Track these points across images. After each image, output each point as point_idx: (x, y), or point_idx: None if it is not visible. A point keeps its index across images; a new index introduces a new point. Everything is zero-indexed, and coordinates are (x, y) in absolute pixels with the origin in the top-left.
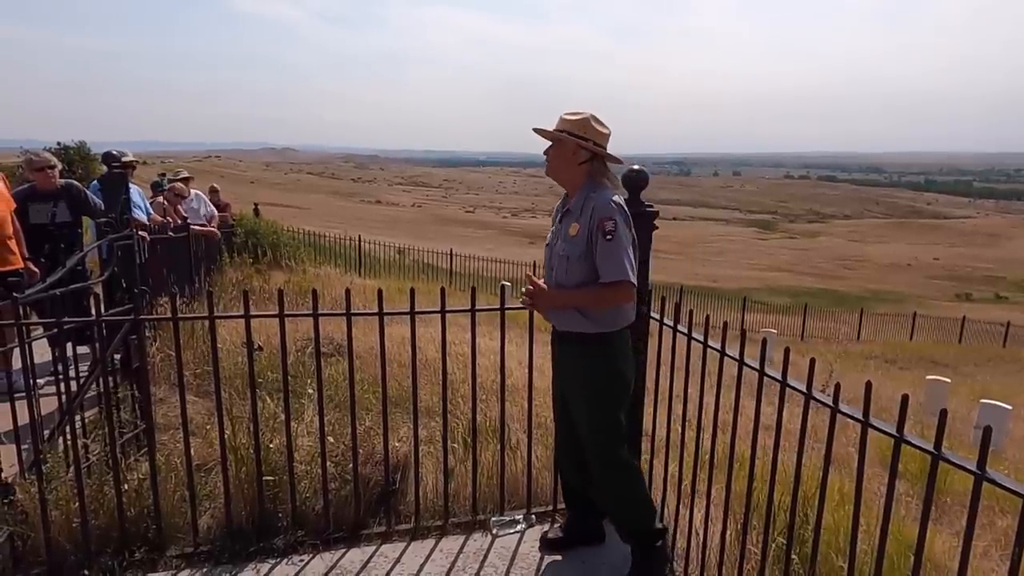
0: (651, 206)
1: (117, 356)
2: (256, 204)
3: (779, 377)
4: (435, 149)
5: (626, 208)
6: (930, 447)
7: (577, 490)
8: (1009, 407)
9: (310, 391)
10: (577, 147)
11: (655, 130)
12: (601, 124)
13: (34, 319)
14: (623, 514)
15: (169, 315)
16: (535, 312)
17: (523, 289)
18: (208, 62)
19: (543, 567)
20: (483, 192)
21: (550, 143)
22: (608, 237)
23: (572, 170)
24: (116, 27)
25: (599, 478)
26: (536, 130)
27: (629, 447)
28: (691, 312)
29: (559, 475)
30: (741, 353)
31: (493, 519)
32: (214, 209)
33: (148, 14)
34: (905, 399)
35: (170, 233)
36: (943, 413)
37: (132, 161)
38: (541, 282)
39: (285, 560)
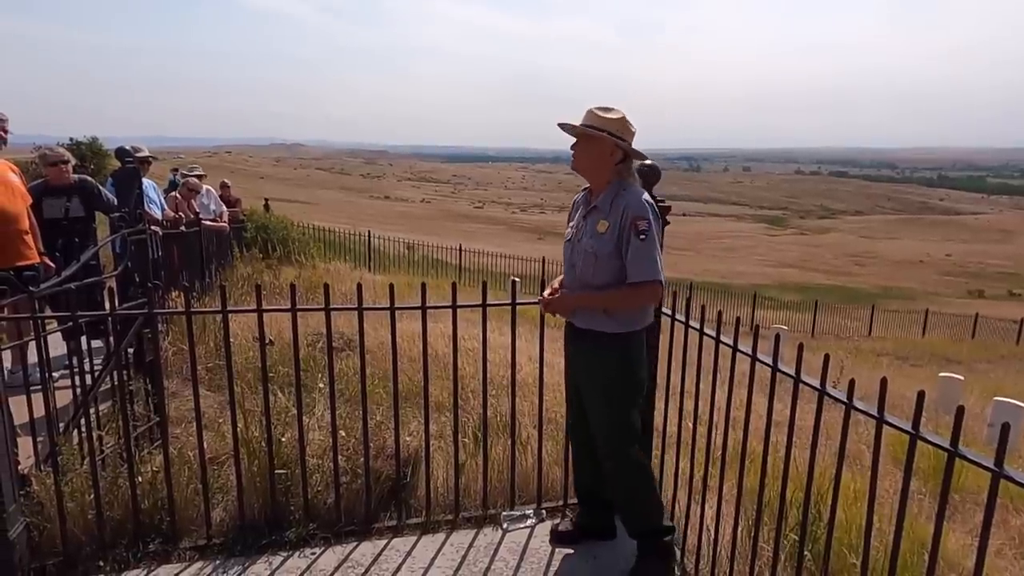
0: (663, 201)
1: (131, 350)
2: (266, 199)
3: (792, 373)
4: (442, 144)
5: (656, 207)
6: (946, 444)
7: (591, 487)
8: (1023, 404)
9: (321, 385)
10: (615, 147)
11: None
12: (631, 123)
13: (49, 313)
14: (632, 511)
15: (182, 309)
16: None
17: (542, 295)
18: (217, 58)
19: (553, 561)
20: (491, 188)
21: (577, 137)
22: (642, 236)
23: (605, 168)
24: (127, 23)
25: (611, 475)
26: (565, 126)
27: (641, 446)
28: (703, 308)
29: (573, 471)
30: (754, 349)
31: (504, 514)
32: (223, 206)
33: (158, 10)
34: (921, 395)
35: (183, 228)
36: (960, 410)
37: (148, 156)
38: (556, 284)
39: (297, 553)
